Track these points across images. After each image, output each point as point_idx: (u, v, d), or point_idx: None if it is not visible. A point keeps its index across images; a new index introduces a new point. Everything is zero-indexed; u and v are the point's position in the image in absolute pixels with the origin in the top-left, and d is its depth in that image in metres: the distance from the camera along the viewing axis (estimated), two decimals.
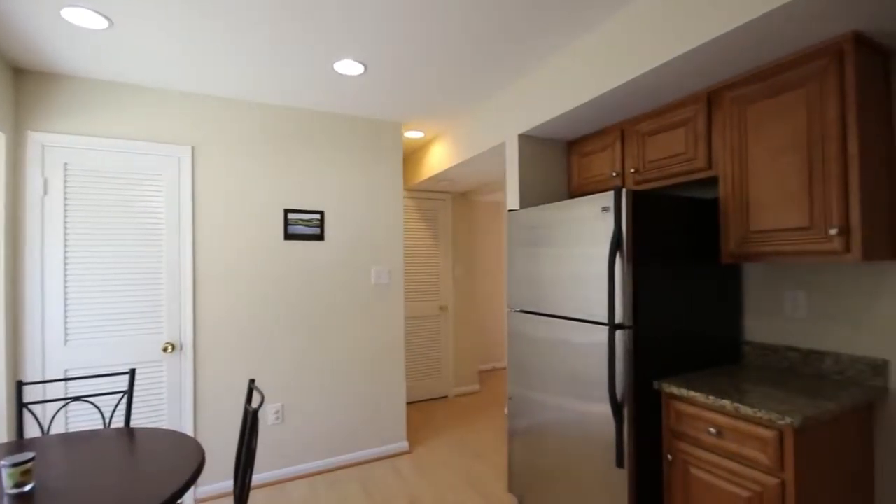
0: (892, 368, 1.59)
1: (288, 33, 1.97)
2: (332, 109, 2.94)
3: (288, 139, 2.86)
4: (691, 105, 1.94)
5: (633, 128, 2.22)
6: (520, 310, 2.33)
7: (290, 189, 2.85)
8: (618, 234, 1.72)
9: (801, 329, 1.85)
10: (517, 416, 2.35)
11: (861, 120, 1.45)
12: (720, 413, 1.54)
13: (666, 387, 1.71)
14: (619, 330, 1.73)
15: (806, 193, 1.54)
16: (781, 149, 1.61)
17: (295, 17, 1.85)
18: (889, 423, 1.60)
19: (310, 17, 1.85)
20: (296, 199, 2.87)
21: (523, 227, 2.29)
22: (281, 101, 2.77)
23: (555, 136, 2.59)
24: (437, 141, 3.55)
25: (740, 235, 1.75)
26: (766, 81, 1.66)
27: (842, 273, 1.72)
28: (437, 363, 4.47)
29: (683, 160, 1.97)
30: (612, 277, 1.72)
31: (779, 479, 1.38)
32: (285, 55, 2.17)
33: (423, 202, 4.40)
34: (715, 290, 1.97)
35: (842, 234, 1.46)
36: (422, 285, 4.39)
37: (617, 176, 2.31)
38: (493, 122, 2.77)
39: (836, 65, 1.47)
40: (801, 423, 1.32)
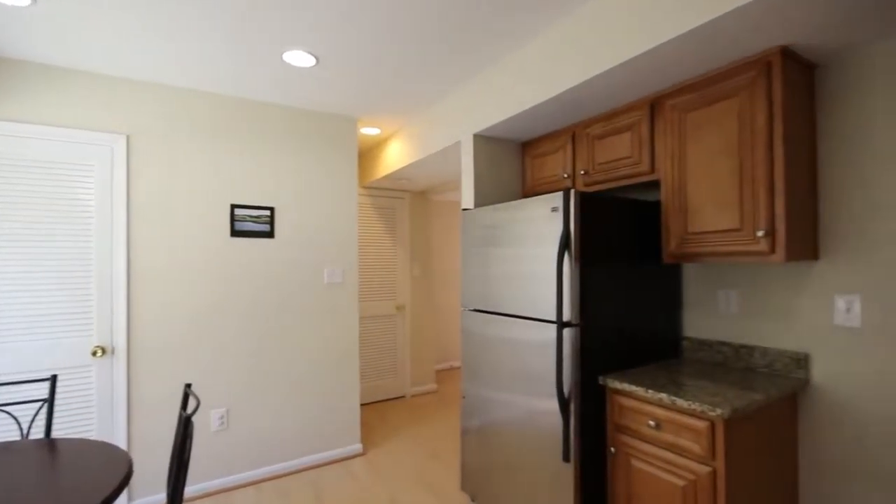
0: (812, 361, 1.72)
1: (233, 19, 1.88)
2: (283, 102, 2.84)
3: (235, 131, 2.73)
4: (636, 111, 2.01)
5: (583, 131, 2.28)
6: (473, 309, 2.34)
7: (237, 183, 2.73)
8: (566, 235, 1.76)
9: (733, 325, 1.96)
10: (470, 414, 2.36)
11: (787, 129, 1.55)
12: (658, 406, 1.60)
13: (610, 382, 1.77)
14: (567, 328, 1.77)
15: (737, 197, 1.64)
16: (716, 155, 1.70)
17: (241, 1, 1.76)
18: (810, 411, 1.72)
19: (256, 2, 1.76)
20: (244, 194, 2.74)
21: (477, 227, 2.30)
22: (227, 90, 2.64)
23: (509, 137, 2.62)
24: (393, 138, 3.51)
25: (679, 236, 1.84)
26: (701, 91, 1.75)
27: (769, 272, 1.84)
28: (393, 363, 4.43)
29: (629, 164, 2.05)
30: (560, 276, 1.75)
31: (711, 468, 1.45)
32: (231, 42, 2.07)
33: (380, 200, 4.34)
34: (657, 289, 2.06)
35: (768, 235, 1.56)
36: (379, 284, 4.33)
37: (568, 177, 2.36)
38: (448, 121, 2.77)
39: (764, 77, 1.56)
40: (730, 414, 1.39)
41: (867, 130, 1.58)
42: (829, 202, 1.68)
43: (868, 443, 1.57)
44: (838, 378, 1.64)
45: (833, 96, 1.66)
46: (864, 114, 1.59)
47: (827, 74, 1.68)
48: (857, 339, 1.60)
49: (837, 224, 1.65)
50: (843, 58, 1.63)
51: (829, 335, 1.67)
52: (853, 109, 1.61)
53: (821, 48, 1.57)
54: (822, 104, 1.69)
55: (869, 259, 1.58)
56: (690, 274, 2.13)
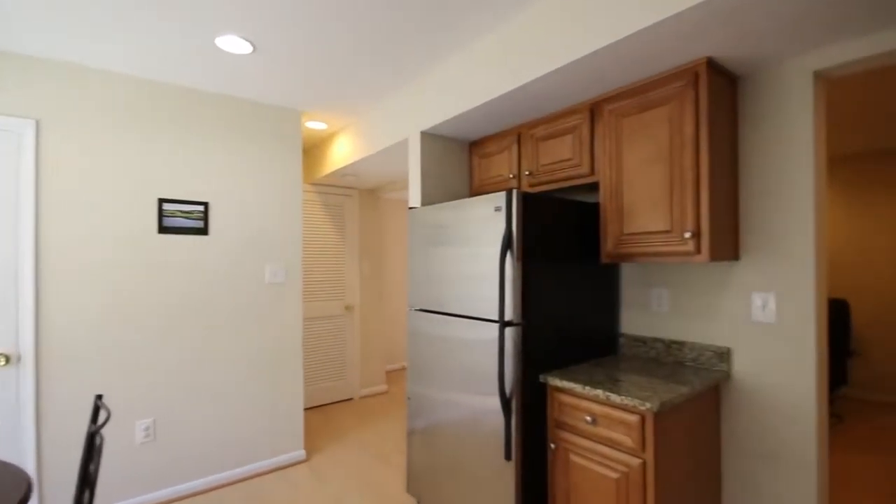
0: (733, 355, 1.84)
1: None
2: (219, 90, 2.67)
3: (165, 120, 2.53)
4: (577, 114, 2.07)
5: (528, 132, 2.32)
6: (419, 309, 2.31)
7: (166, 176, 2.53)
8: (508, 234, 1.77)
9: (664, 322, 2.06)
10: (416, 415, 2.33)
11: (712, 137, 1.64)
12: (594, 402, 1.65)
13: (551, 380, 1.80)
14: (509, 327, 1.78)
15: (668, 200, 1.72)
16: (649, 159, 1.78)
17: None
18: (731, 401, 1.84)
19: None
20: (174, 187, 2.55)
21: (423, 226, 2.27)
22: (154, 75, 2.44)
23: (457, 136, 2.61)
24: (341, 134, 3.41)
25: (616, 237, 1.90)
26: (637, 98, 1.82)
27: (697, 272, 1.95)
28: (342, 364, 4.31)
29: (571, 165, 2.10)
30: (502, 276, 1.76)
31: (641, 460, 1.51)
32: (156, 21, 1.91)
33: (328, 197, 4.21)
34: (597, 288, 2.13)
35: (694, 237, 1.64)
36: (327, 284, 4.20)
37: (514, 178, 2.39)
38: (396, 118, 2.72)
39: (692, 87, 1.65)
40: (658, 408, 1.46)
41: (778, 143, 1.71)
42: (748, 207, 1.80)
43: (778, 426, 1.70)
44: (755, 369, 1.77)
45: (752, 108, 1.78)
46: (776, 126, 1.71)
47: (747, 87, 1.79)
48: (772, 334, 1.73)
49: (755, 228, 1.78)
50: (762, 71, 1.75)
51: (748, 330, 1.79)
52: (768, 121, 1.74)
53: (742, 61, 1.67)
54: (743, 115, 1.81)
55: (781, 261, 1.70)
56: (628, 274, 2.22)
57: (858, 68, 1.59)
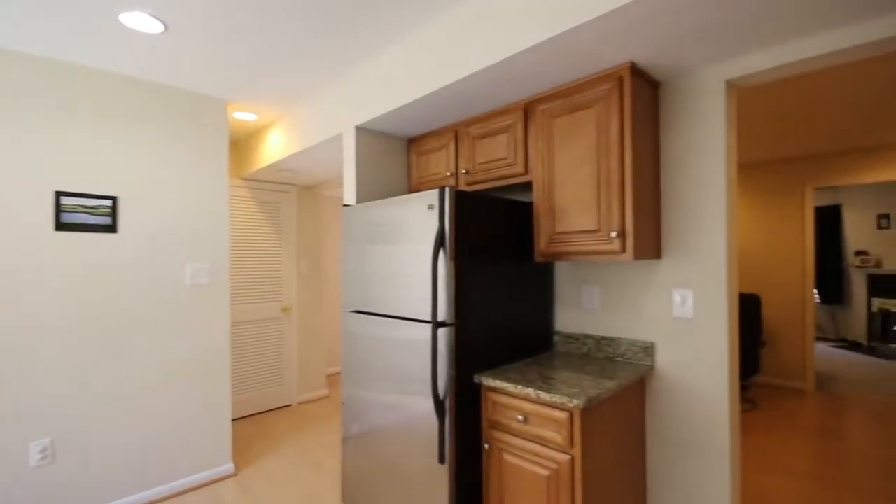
0: (657, 349, 1.92)
1: None
2: (131, 73, 2.42)
3: (63, 104, 2.26)
4: (512, 114, 2.07)
5: (465, 130, 2.30)
6: (354, 310, 2.23)
7: (66, 166, 2.26)
8: (441, 232, 1.74)
9: (595, 318, 2.12)
10: (351, 420, 2.24)
11: (635, 140, 1.70)
12: (526, 400, 1.65)
13: (485, 380, 1.79)
14: (442, 328, 1.75)
15: (595, 201, 1.76)
16: (578, 160, 1.81)
17: None
18: (655, 393, 1.92)
19: None
20: (76, 179, 2.28)
21: (357, 224, 2.19)
22: (50, 52, 2.17)
23: (395, 132, 2.55)
24: (274, 126, 3.23)
25: (548, 236, 1.93)
26: (566, 99, 1.85)
27: (624, 270, 2.02)
28: (279, 369, 4.11)
29: (506, 164, 2.10)
30: (435, 275, 1.73)
31: (570, 456, 1.53)
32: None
33: (263, 193, 3.99)
34: (532, 287, 2.15)
35: (619, 236, 1.69)
36: (262, 285, 3.98)
37: (451, 176, 2.37)
38: (330, 112, 2.61)
39: (617, 90, 1.69)
40: (585, 404, 1.48)
41: (694, 148, 1.80)
42: (669, 209, 1.88)
43: (695, 415, 1.80)
44: (676, 363, 1.86)
45: (672, 114, 1.87)
46: (692, 132, 1.81)
47: (668, 93, 1.88)
48: (690, 329, 1.82)
49: (675, 228, 1.87)
50: (680, 78, 1.84)
51: (670, 325, 1.88)
52: (685, 127, 1.83)
53: (662, 68, 1.75)
54: (664, 120, 1.89)
55: (698, 260, 1.80)
56: (561, 272, 2.26)
57: (765, 78, 1.71)
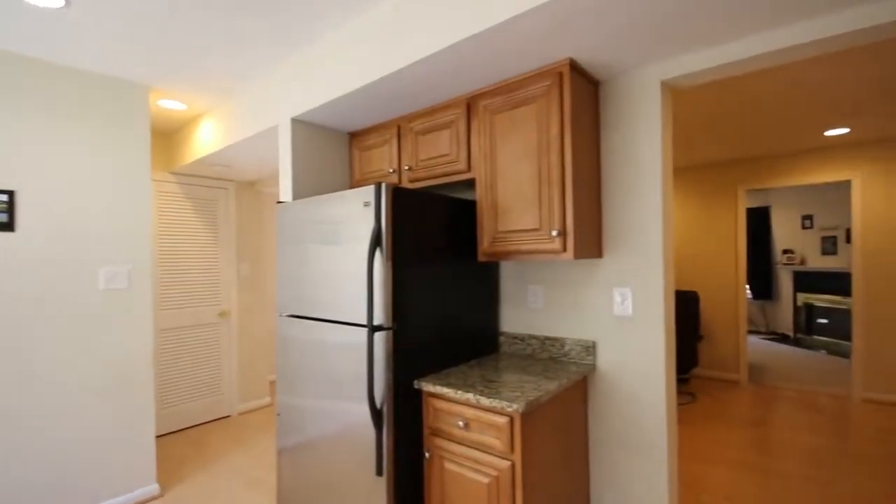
0: (598, 348, 1.92)
1: None
2: (32, 53, 2.15)
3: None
4: (454, 109, 2.01)
5: (408, 125, 2.21)
6: (289, 314, 2.08)
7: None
8: (377, 231, 1.64)
9: (539, 318, 2.10)
10: (286, 432, 2.10)
11: (575, 138, 1.68)
12: (466, 406, 1.59)
13: (424, 385, 1.71)
14: (379, 332, 1.65)
15: (536, 199, 1.73)
16: (520, 157, 1.77)
17: None
18: (597, 392, 1.92)
19: None
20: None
21: (292, 222, 2.05)
22: None
23: (336, 126, 2.42)
24: (206, 117, 3.00)
25: (491, 235, 1.88)
26: (508, 95, 1.81)
27: (567, 269, 2.01)
28: (216, 378, 3.84)
29: (448, 161, 2.04)
30: (370, 277, 1.63)
31: (510, 461, 1.48)
32: None
33: (197, 190, 3.71)
34: (477, 287, 2.09)
35: (560, 235, 1.67)
36: (197, 288, 3.70)
37: (394, 172, 2.27)
38: (265, 102, 2.44)
39: (557, 87, 1.67)
40: (524, 408, 1.44)
41: (632, 148, 1.81)
42: (609, 208, 1.88)
43: (634, 412, 1.81)
44: (616, 361, 1.86)
45: (611, 113, 1.87)
46: (630, 131, 1.82)
47: (607, 92, 1.88)
48: (630, 327, 1.83)
49: (615, 227, 1.87)
50: (618, 78, 1.84)
51: (611, 324, 1.88)
52: (623, 126, 1.83)
53: (601, 66, 1.74)
54: (604, 119, 1.89)
55: (636, 259, 1.81)
56: (506, 271, 2.22)
57: (699, 80, 1.74)
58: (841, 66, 2.35)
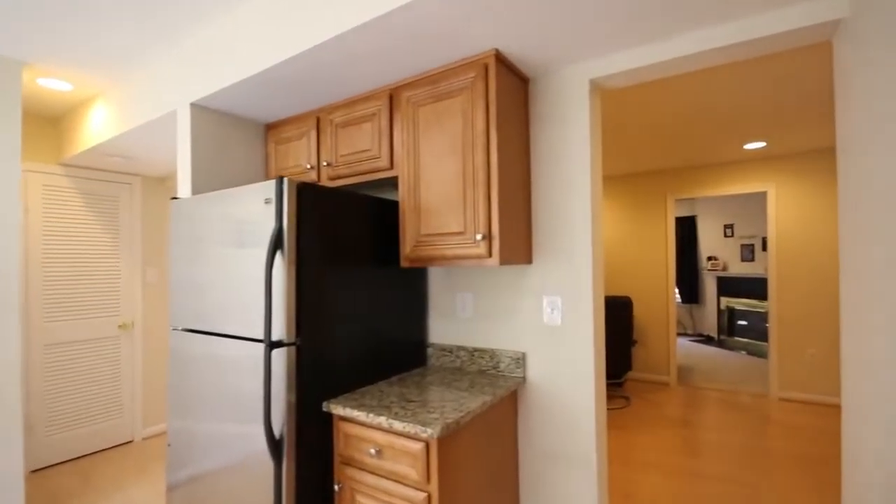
0: (528, 359, 1.81)
1: None
2: None
3: None
4: (376, 100, 1.84)
5: (328, 116, 2.01)
6: (183, 328, 1.80)
7: None
8: (278, 233, 1.43)
9: (468, 328, 1.96)
10: (178, 465, 1.81)
11: (502, 134, 1.56)
12: (378, 430, 1.41)
13: (334, 408, 1.51)
14: (278, 348, 1.43)
15: (461, 200, 1.59)
16: (444, 154, 1.63)
17: None
18: (527, 405, 1.81)
19: None
20: None
21: (187, 222, 1.78)
22: None
23: (248, 115, 2.16)
24: (99, 100, 2.62)
25: (414, 239, 1.72)
26: (432, 87, 1.66)
27: (497, 276, 1.89)
28: (116, 399, 3.37)
29: (370, 157, 1.86)
30: (269, 285, 1.41)
31: (426, 493, 1.32)
32: None
33: (94, 185, 3.25)
34: (403, 295, 1.92)
35: (485, 239, 1.54)
36: (93, 297, 3.24)
37: (312, 169, 2.06)
38: (162, 84, 2.14)
39: (482, 80, 1.54)
40: (441, 432, 1.28)
41: (560, 149, 1.73)
42: (539, 212, 1.79)
43: (564, 423, 1.71)
44: (546, 372, 1.76)
45: (540, 112, 1.78)
46: (559, 132, 1.73)
47: (537, 90, 1.79)
48: (559, 336, 1.73)
49: (545, 232, 1.78)
50: (548, 75, 1.76)
51: (540, 334, 1.78)
52: (552, 127, 1.75)
53: (530, 61, 1.64)
54: (534, 119, 1.80)
55: (566, 265, 1.72)
56: (435, 278, 2.07)
57: (627, 80, 1.69)
58: (759, 82, 2.43)
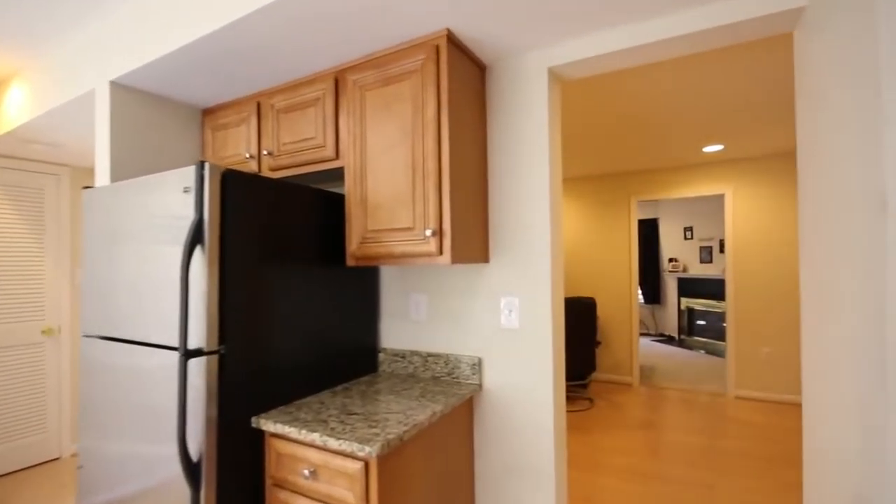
0: (484, 365, 1.70)
1: None
2: None
3: None
4: (320, 83, 1.69)
5: (268, 101, 1.83)
6: (96, 335, 1.59)
7: None
8: (197, 225, 1.26)
9: (423, 332, 1.83)
10: (89, 490, 1.59)
11: (454, 123, 1.45)
12: (313, 448, 1.26)
13: (264, 423, 1.34)
14: (196, 357, 1.26)
15: (410, 193, 1.46)
16: (393, 143, 1.50)
17: None
18: (483, 413, 1.69)
19: None
20: None
21: (101, 214, 1.57)
22: None
23: (182, 98, 1.96)
24: (14, 81, 2.33)
25: (361, 235, 1.57)
26: (380, 69, 1.53)
27: (451, 275, 1.77)
28: (40, 412, 3.04)
29: (314, 146, 1.70)
30: (185, 286, 1.23)
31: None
32: None
33: (12, 175, 2.93)
34: (351, 296, 1.77)
35: (435, 235, 1.41)
36: (10, 299, 2.91)
37: (252, 158, 1.88)
38: (82, 60, 1.90)
39: (433, 63, 1.42)
40: (380, 450, 1.14)
41: (518, 142, 1.63)
42: (496, 208, 1.68)
43: (522, 432, 1.61)
44: (504, 378, 1.65)
45: (498, 102, 1.67)
46: (517, 124, 1.63)
47: (495, 78, 1.68)
48: (517, 340, 1.63)
49: (502, 229, 1.67)
50: (505, 62, 1.65)
51: (498, 337, 1.67)
52: (510, 118, 1.64)
53: (485, 45, 1.54)
54: (491, 109, 1.69)
55: (523, 264, 1.62)
56: (388, 278, 1.93)
57: (588, 69, 1.61)
58: (718, 84, 2.42)
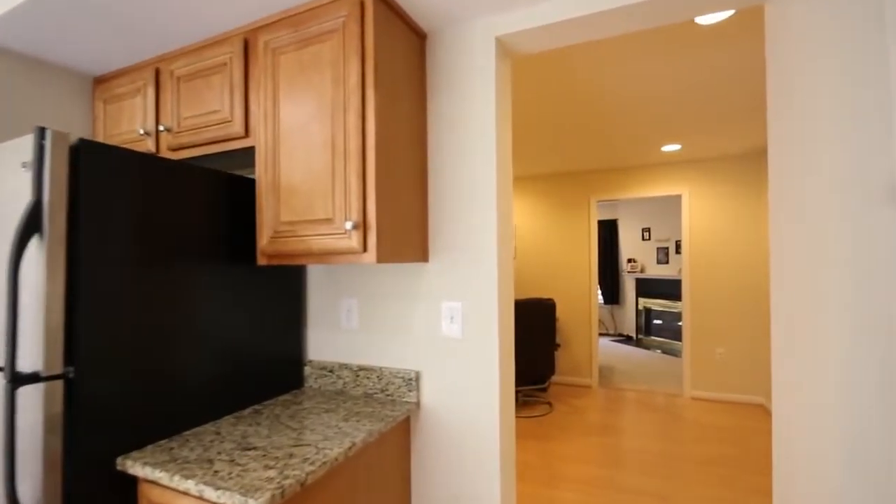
0: (423, 379, 1.48)
1: None
2: None
3: None
4: (227, 46, 1.41)
5: (168, 67, 1.53)
6: None
7: None
8: (35, 209, 0.96)
9: (354, 342, 1.59)
10: None
11: (382, 95, 1.21)
12: (188, 499, 0.99)
13: (130, 465, 1.06)
14: (32, 383, 0.96)
15: (330, 177, 1.22)
16: (311, 118, 1.25)
17: None
18: (422, 436, 1.47)
19: None
20: None
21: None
22: None
23: (65, 62, 1.62)
24: None
25: (272, 228, 1.31)
26: (296, 29, 1.27)
27: (386, 277, 1.54)
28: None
29: (219, 121, 1.42)
30: (13, 289, 0.94)
31: None
32: None
33: None
34: (269, 302, 1.50)
35: (358, 229, 1.18)
36: None
37: (148, 135, 1.57)
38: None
39: (357, 21, 1.18)
40: (269, 502, 0.89)
41: (461, 124, 1.41)
42: (437, 199, 1.46)
43: (466, 460, 1.40)
44: (444, 395, 1.44)
45: (439, 76, 1.45)
46: (457, 100, 1.42)
47: (436, 49, 1.46)
48: (460, 351, 1.42)
49: (444, 224, 1.45)
50: (448, 29, 1.43)
51: (438, 348, 1.45)
52: (452, 95, 1.43)
53: (426, 9, 1.31)
54: (432, 85, 1.47)
55: (466, 265, 1.41)
56: (315, 281, 1.67)
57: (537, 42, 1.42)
58: (677, 73, 2.31)
